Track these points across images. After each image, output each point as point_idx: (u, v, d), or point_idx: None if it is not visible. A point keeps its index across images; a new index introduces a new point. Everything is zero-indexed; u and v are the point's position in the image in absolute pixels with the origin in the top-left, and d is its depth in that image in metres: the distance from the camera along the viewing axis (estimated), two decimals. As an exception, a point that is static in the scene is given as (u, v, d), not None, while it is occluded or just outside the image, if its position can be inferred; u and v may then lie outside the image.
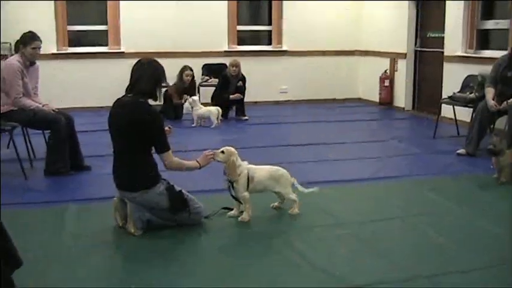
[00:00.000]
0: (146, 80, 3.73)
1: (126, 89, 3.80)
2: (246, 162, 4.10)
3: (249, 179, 4.02)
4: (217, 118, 8.01)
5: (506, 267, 3.25)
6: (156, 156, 3.84)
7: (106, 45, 9.61)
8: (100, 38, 9.65)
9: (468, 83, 7.17)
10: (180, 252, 3.52)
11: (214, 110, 8.04)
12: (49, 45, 8.84)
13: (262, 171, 4.12)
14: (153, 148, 3.81)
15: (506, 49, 6.78)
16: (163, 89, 8.11)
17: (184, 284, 3.06)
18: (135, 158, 3.74)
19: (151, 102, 3.82)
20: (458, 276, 3.13)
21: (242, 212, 4.06)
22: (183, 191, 3.87)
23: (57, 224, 3.97)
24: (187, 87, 8.61)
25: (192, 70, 8.65)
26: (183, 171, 4.01)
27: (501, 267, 3.25)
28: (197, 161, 3.96)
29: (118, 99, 3.84)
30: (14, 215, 3.90)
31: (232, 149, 4.05)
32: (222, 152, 4.00)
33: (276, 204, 4.28)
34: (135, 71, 3.79)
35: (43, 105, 5.44)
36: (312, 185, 4.93)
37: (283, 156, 6.03)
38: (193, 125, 8.05)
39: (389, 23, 9.93)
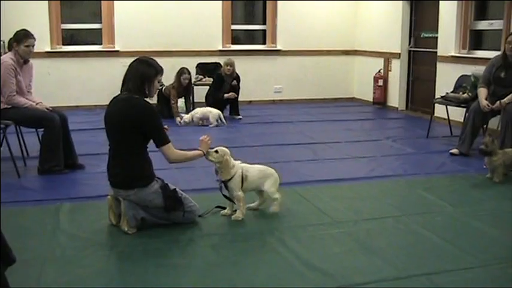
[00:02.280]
0: (133, 78, 3.74)
1: (121, 88, 3.83)
2: (239, 162, 4.11)
3: (243, 178, 4.03)
4: (217, 120, 8.01)
5: (502, 267, 3.26)
6: (151, 154, 3.84)
7: (100, 43, 9.58)
8: (94, 37, 9.63)
9: (461, 83, 7.20)
10: (174, 252, 3.51)
11: (215, 112, 8.05)
12: (43, 43, 8.83)
13: (254, 170, 4.13)
14: (148, 146, 3.82)
15: (499, 49, 6.82)
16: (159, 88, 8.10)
17: (178, 283, 3.06)
18: (130, 156, 3.73)
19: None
20: (454, 274, 3.14)
21: (235, 210, 4.06)
22: (177, 189, 3.88)
23: (51, 222, 3.96)
24: (184, 89, 8.60)
25: (189, 73, 8.63)
26: (188, 162, 4.04)
27: (496, 266, 3.27)
28: (199, 149, 3.98)
29: (114, 97, 3.84)
30: (7, 214, 3.89)
31: (226, 149, 4.04)
32: (216, 151, 3.99)
33: (253, 205, 4.23)
34: (127, 69, 3.81)
35: (37, 104, 5.42)
36: (307, 184, 4.96)
37: (278, 156, 6.04)
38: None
39: (383, 23, 9.96)
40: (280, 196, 4.15)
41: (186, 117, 8.04)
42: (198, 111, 8.07)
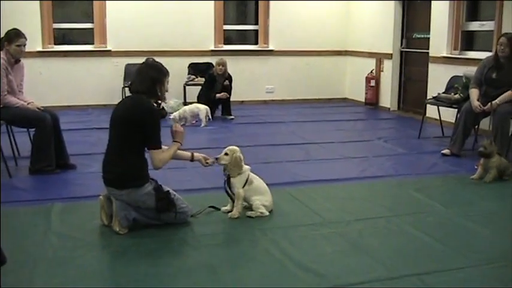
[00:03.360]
0: (144, 81, 3.81)
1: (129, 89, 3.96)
2: (248, 167, 4.15)
3: (248, 181, 4.08)
4: (206, 117, 8.01)
5: (493, 266, 3.28)
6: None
7: (92, 43, 9.55)
8: (86, 36, 9.60)
9: (453, 84, 7.22)
10: (166, 252, 3.51)
11: (203, 108, 8.04)
12: (34, 43, 8.79)
13: (260, 181, 4.19)
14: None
15: (490, 50, 6.85)
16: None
17: (170, 284, 3.05)
18: (130, 154, 3.74)
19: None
20: (445, 274, 3.16)
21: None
22: (170, 191, 3.87)
23: (43, 223, 3.94)
24: None
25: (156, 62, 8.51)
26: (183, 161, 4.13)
27: (488, 266, 3.28)
28: (176, 141, 3.98)
29: (126, 96, 3.89)
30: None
31: (235, 147, 4.12)
32: (226, 154, 4.07)
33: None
34: (137, 72, 3.92)
35: (28, 103, 5.39)
36: (299, 184, 4.97)
37: (270, 156, 6.05)
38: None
39: (375, 24, 9.99)
40: (266, 214, 4.13)
41: (174, 115, 7.99)
42: (187, 109, 8.05)
